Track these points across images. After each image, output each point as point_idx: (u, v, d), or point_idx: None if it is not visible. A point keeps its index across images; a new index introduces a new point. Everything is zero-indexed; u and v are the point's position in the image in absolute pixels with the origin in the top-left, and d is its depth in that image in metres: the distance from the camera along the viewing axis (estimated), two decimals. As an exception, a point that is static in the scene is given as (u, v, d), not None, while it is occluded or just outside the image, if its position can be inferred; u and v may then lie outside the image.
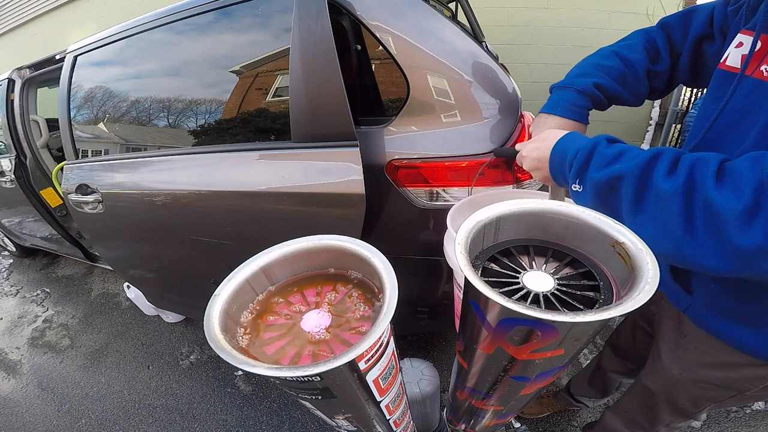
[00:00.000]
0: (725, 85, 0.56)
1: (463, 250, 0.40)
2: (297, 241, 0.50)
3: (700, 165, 0.43)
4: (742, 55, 0.55)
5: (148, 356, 1.95)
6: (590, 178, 0.52)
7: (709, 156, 0.43)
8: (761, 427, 1.30)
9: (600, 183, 0.50)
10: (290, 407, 1.58)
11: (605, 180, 0.50)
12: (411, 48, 0.93)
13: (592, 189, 0.52)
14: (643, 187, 0.46)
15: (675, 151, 0.46)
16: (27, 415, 1.74)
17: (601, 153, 0.52)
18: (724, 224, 0.39)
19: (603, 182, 0.50)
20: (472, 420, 0.73)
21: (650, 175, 0.46)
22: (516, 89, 1.02)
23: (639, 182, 0.47)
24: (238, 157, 1.12)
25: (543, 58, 3.04)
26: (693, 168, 0.43)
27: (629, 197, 0.47)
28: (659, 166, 0.45)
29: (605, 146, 0.52)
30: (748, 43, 0.54)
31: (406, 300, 0.65)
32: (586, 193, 0.53)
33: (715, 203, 0.40)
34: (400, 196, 1.01)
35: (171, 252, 1.46)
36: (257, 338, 0.44)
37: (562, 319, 0.32)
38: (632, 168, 0.47)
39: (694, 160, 0.44)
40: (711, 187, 0.40)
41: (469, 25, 2.17)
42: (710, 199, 0.40)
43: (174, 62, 1.27)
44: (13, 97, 2.09)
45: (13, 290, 2.76)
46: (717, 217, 0.40)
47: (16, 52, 5.20)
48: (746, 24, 0.57)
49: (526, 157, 0.67)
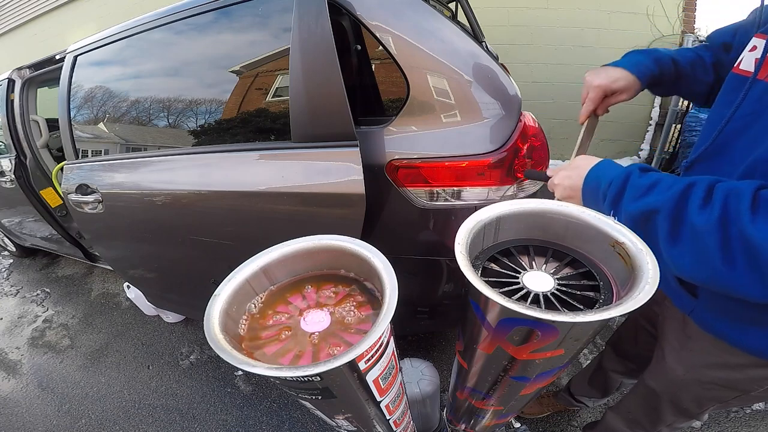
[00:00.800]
0: (737, 89, 0.56)
1: (463, 250, 0.40)
2: (297, 241, 0.50)
3: (733, 197, 0.42)
4: (756, 58, 0.54)
5: (148, 356, 1.95)
6: (625, 209, 0.51)
7: (743, 186, 0.43)
8: (761, 427, 1.30)
9: (635, 215, 0.50)
10: (290, 407, 1.58)
11: (639, 212, 0.49)
12: (411, 48, 0.93)
13: (628, 220, 0.51)
14: (679, 220, 0.46)
15: (708, 181, 0.46)
16: (27, 415, 1.74)
17: (635, 184, 0.51)
18: (763, 257, 0.39)
19: (638, 214, 0.50)
20: (472, 420, 0.73)
21: (684, 207, 0.45)
22: (516, 89, 1.02)
23: (674, 215, 0.46)
24: (238, 157, 1.12)
25: (543, 58, 3.04)
26: (727, 199, 0.43)
27: (665, 230, 0.47)
28: (693, 197, 0.45)
29: (638, 176, 0.52)
30: (761, 47, 0.54)
31: (406, 300, 0.65)
32: (624, 222, 0.53)
33: (753, 238, 0.39)
34: (400, 196, 1.01)
35: (171, 252, 1.46)
36: (257, 338, 0.44)
37: (562, 319, 0.32)
38: (666, 200, 0.47)
39: (728, 191, 0.43)
40: (747, 221, 0.40)
41: (469, 25, 2.17)
42: (747, 233, 0.40)
43: (174, 62, 1.27)
44: (13, 97, 2.09)
45: (13, 290, 2.76)
46: (755, 251, 0.40)
47: (16, 52, 5.20)
48: (760, 27, 0.57)
49: (558, 185, 0.65)
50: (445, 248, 1.09)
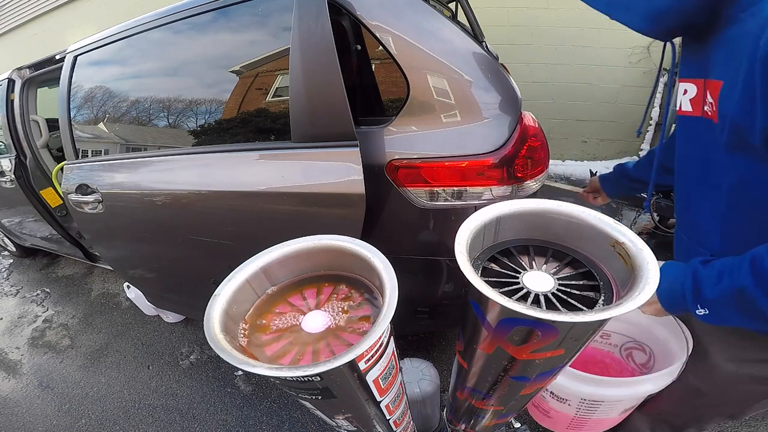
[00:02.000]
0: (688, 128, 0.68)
1: (463, 250, 0.40)
2: (297, 241, 0.50)
3: None
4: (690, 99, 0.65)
5: (148, 356, 1.95)
6: (707, 298, 0.57)
7: None
8: (761, 427, 1.30)
9: (722, 296, 0.55)
10: (290, 407, 1.58)
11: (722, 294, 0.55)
12: (411, 48, 0.93)
13: (718, 305, 0.56)
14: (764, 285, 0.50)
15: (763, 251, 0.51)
16: (27, 415, 1.74)
17: (703, 276, 0.58)
18: None
19: (726, 294, 0.55)
20: (472, 420, 0.73)
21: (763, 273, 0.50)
22: (516, 89, 1.02)
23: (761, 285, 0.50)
24: (238, 157, 1.12)
25: (543, 58, 3.04)
26: None
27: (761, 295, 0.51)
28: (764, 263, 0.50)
29: (702, 267, 0.59)
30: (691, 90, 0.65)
31: (406, 300, 0.64)
32: (715, 310, 0.57)
33: None
34: (400, 196, 1.01)
35: (171, 252, 1.46)
36: (257, 338, 0.44)
37: (562, 319, 0.32)
38: (744, 277, 0.52)
39: None
40: None
41: (469, 25, 2.16)
42: None
43: (174, 62, 1.27)
44: (13, 97, 2.09)
45: (13, 290, 2.76)
46: None
47: (16, 52, 5.20)
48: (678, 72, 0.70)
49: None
50: (445, 248, 1.09)
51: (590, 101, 3.05)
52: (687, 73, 0.66)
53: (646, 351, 1.03)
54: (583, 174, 3.11)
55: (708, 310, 0.58)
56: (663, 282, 0.60)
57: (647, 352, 1.02)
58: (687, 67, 0.66)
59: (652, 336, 0.99)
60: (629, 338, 1.06)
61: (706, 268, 0.58)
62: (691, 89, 0.64)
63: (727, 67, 0.53)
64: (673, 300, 0.63)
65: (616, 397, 0.84)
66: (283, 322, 0.46)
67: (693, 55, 0.63)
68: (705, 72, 0.59)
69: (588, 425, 0.95)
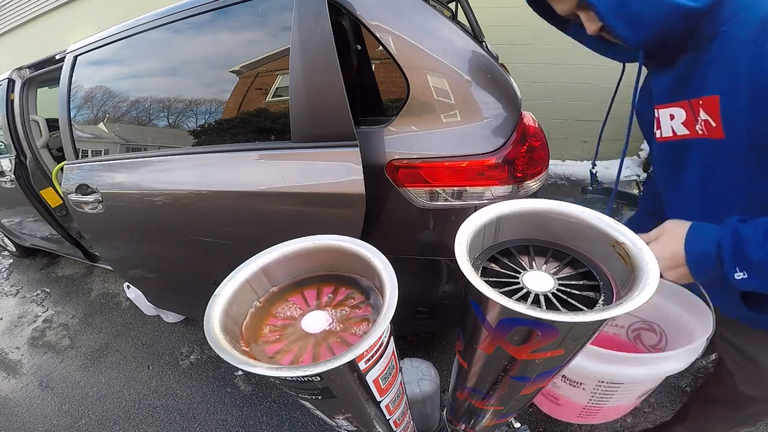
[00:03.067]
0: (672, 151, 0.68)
1: (463, 250, 0.40)
2: (297, 242, 0.50)
3: None
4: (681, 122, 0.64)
5: (148, 356, 1.95)
6: (753, 259, 0.51)
7: None
8: (761, 426, 1.30)
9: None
10: (290, 407, 1.58)
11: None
12: (411, 48, 0.93)
13: (766, 267, 0.51)
14: None
15: None
16: (27, 415, 1.74)
17: (747, 234, 0.52)
18: None
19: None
20: (472, 420, 0.73)
21: None
22: (516, 89, 1.02)
23: None
24: (238, 157, 1.12)
25: (543, 58, 3.04)
26: None
27: None
28: None
29: (744, 226, 0.53)
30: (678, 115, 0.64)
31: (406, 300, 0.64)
32: (760, 273, 0.52)
33: None
34: (400, 196, 1.01)
35: (171, 252, 1.46)
36: (258, 338, 0.44)
37: (562, 319, 0.32)
38: None
39: None
40: None
41: (469, 25, 2.17)
42: None
43: (174, 62, 1.27)
44: (13, 97, 2.09)
45: (13, 290, 2.76)
46: None
47: (16, 52, 5.20)
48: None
49: (658, 259, 0.67)
50: (445, 248, 1.09)
51: (590, 101, 3.04)
52: (667, 99, 0.64)
53: (656, 331, 0.94)
54: (583, 174, 3.11)
55: (747, 274, 0.52)
56: (693, 244, 0.58)
57: (657, 332, 0.94)
58: (664, 93, 0.65)
59: (662, 313, 0.90)
60: (637, 318, 0.97)
61: (748, 226, 0.52)
62: (678, 113, 0.62)
63: (720, 81, 0.53)
64: (705, 263, 0.56)
65: (638, 377, 0.75)
66: (283, 322, 0.46)
67: (668, 81, 0.63)
68: (690, 92, 0.58)
69: (600, 414, 0.87)
